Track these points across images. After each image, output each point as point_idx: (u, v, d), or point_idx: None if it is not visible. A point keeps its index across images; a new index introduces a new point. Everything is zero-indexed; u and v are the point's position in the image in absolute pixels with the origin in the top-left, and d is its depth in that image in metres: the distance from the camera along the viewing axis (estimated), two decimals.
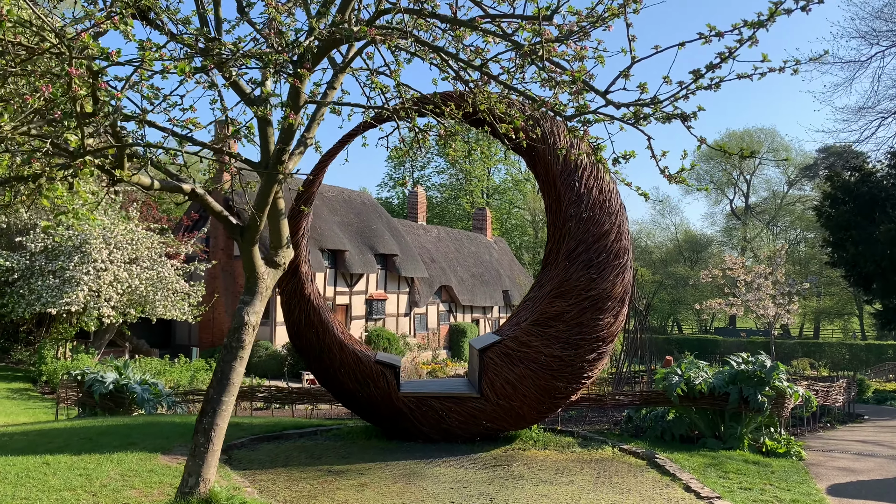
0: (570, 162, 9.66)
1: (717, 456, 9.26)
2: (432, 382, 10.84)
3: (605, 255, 9.37)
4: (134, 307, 23.13)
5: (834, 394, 14.40)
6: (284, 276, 9.69)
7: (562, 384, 9.31)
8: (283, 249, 6.23)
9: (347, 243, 33.62)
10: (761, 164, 65.27)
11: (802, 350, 42.65)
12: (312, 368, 9.72)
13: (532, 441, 9.66)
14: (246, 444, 9.10)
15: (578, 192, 9.54)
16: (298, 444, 9.24)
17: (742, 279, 23.18)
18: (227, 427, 10.05)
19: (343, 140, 9.83)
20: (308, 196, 9.78)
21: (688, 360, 10.83)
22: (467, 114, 7.13)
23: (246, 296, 5.94)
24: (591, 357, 9.33)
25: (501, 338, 9.57)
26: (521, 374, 9.24)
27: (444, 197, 64.05)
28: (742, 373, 10.25)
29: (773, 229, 62.82)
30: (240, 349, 5.79)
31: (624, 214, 9.82)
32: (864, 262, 20.28)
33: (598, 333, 9.29)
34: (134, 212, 24.32)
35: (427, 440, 9.51)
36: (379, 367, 9.41)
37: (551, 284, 9.52)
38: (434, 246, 43.70)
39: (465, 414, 9.41)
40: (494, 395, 9.35)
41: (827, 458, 10.23)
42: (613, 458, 8.92)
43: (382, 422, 9.67)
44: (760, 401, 9.83)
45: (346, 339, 9.76)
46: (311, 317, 9.49)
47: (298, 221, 9.71)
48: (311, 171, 9.87)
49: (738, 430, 10.10)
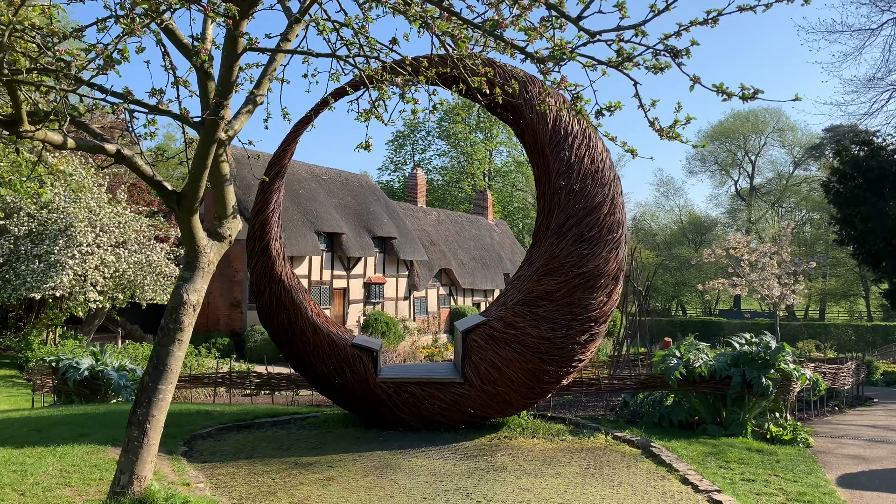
0: (560, 129, 8.97)
1: (717, 444, 8.62)
2: (415, 367, 10.23)
3: (598, 229, 8.70)
4: (122, 292, 22.57)
5: (842, 376, 13.75)
6: (253, 254, 9.06)
7: (551, 368, 8.67)
8: (229, 220, 5.57)
9: (344, 226, 32.98)
10: (766, 144, 64.32)
11: (808, 332, 42.01)
12: (285, 353, 9.10)
13: (520, 428, 9.04)
14: (213, 433, 8.50)
15: (568, 161, 8.85)
16: (269, 434, 8.64)
17: (746, 258, 22.45)
18: (195, 416, 9.50)
19: (316, 108, 9.14)
20: (279, 168, 9.12)
21: (687, 342, 10.18)
22: (442, 74, 6.47)
23: (185, 272, 5.29)
24: (582, 338, 8.69)
25: (486, 319, 8.92)
26: (507, 357, 8.61)
27: (446, 180, 63.34)
28: (745, 355, 9.60)
29: (778, 210, 61.88)
30: (178, 331, 5.14)
31: (618, 186, 9.13)
32: (874, 238, 19.52)
33: (589, 313, 8.64)
34: (122, 194, 23.70)
35: (408, 428, 8.90)
36: (355, 352, 8.78)
37: (540, 261, 8.86)
38: (434, 229, 43.07)
39: (448, 401, 8.79)
40: (479, 381, 8.72)
41: (836, 444, 9.59)
42: (606, 446, 8.30)
43: (360, 409, 9.06)
44: (765, 384, 9.18)
45: (320, 322, 9.13)
46: (283, 298, 8.86)
47: (269, 196, 9.04)
48: (282, 142, 9.20)
49: (741, 415, 9.46)
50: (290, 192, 31.53)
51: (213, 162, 5.25)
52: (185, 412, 9.56)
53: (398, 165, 65.64)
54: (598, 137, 9.31)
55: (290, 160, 9.32)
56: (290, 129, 9.21)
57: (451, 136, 62.85)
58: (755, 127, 64.21)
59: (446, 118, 63.18)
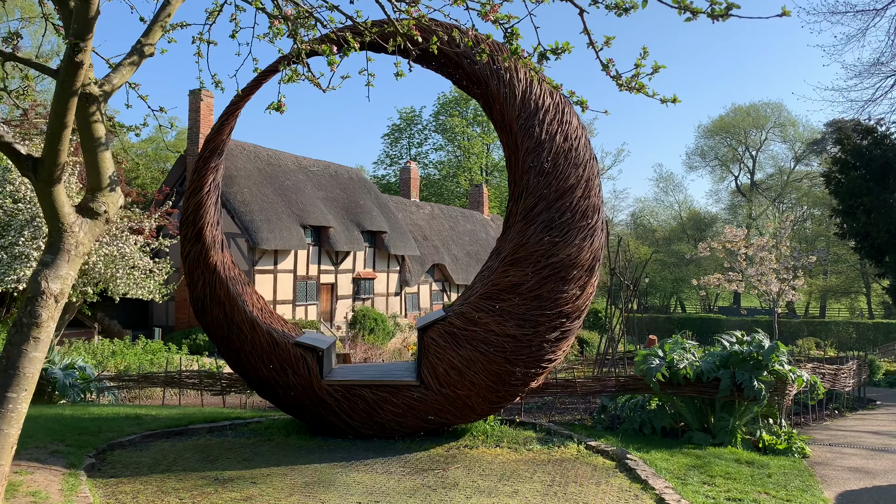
0: (530, 102, 8.02)
1: (703, 455, 7.68)
2: (370, 367, 9.32)
3: (570, 214, 7.76)
4: (92, 285, 21.65)
5: (843, 377, 12.80)
6: (186, 242, 8.14)
7: (518, 369, 7.74)
8: (105, 193, 4.62)
9: (332, 219, 32.05)
10: (767, 139, 63.28)
11: (808, 329, 41.02)
12: (221, 351, 8.18)
13: (484, 436, 8.11)
14: (136, 441, 7.57)
15: (539, 138, 7.91)
16: (200, 442, 7.71)
17: (743, 252, 21.46)
18: (122, 420, 8.56)
19: (258, 79, 8.19)
20: (216, 145, 8.18)
21: (672, 340, 9.24)
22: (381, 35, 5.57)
23: (47, 255, 4.35)
24: (552, 336, 7.75)
25: (446, 314, 7.99)
26: (468, 357, 7.67)
27: (442, 174, 62.36)
28: (735, 354, 8.66)
29: (779, 206, 60.85)
30: (33, 327, 4.22)
31: (594, 167, 8.19)
32: (877, 231, 18.53)
33: (560, 308, 7.70)
34: None
35: (358, 436, 7.99)
36: (298, 351, 7.85)
37: (506, 250, 7.93)
38: (427, 223, 42.18)
39: (403, 406, 7.86)
40: (437, 383, 7.79)
41: (835, 454, 8.65)
42: (577, 458, 7.36)
43: (306, 415, 8.13)
44: (757, 388, 8.24)
45: (261, 317, 8.21)
46: (217, 290, 7.93)
47: (203, 176, 8.10)
48: (220, 116, 8.26)
49: (731, 422, 8.53)
50: (276, 184, 30.64)
51: (84, 122, 4.32)
52: (111, 416, 8.63)
53: (394, 160, 64.72)
54: (573, 113, 8.37)
55: (230, 136, 8.39)
56: (230, 102, 8.28)
57: (447, 129, 61.91)
58: (756, 122, 63.22)
59: (443, 111, 62.23)
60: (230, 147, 30.44)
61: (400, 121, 64.21)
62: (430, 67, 8.86)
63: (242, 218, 27.53)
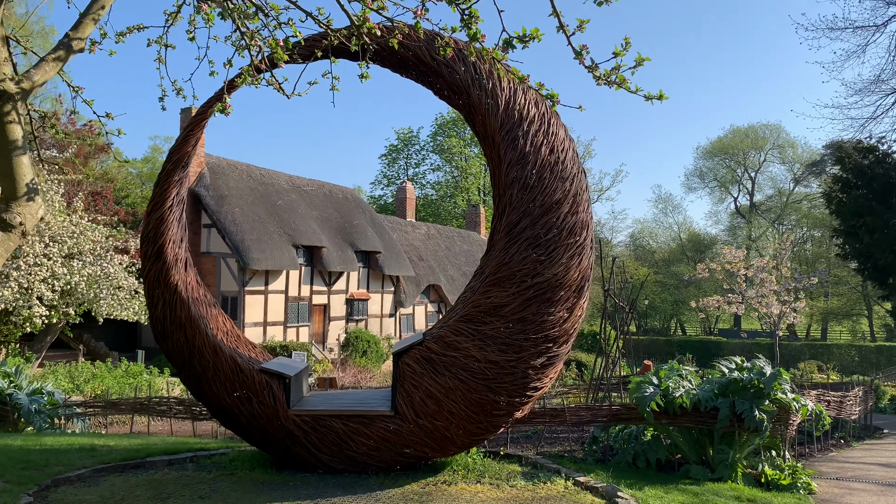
0: (514, 112, 7.53)
1: (700, 492, 7.08)
2: (344, 395, 8.73)
3: (556, 231, 7.23)
4: (75, 306, 21.11)
5: (849, 405, 12.20)
6: (146, 260, 7.60)
7: (501, 398, 7.17)
8: (22, 203, 4.10)
9: (325, 239, 31.51)
10: (766, 160, 63.03)
11: (810, 352, 40.38)
12: (183, 378, 7.60)
13: (464, 471, 7.52)
14: (86, 476, 6.98)
15: (523, 150, 7.40)
16: (155, 477, 7.11)
17: (743, 273, 20.91)
18: (74, 452, 7.92)
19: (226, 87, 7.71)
20: (180, 157, 7.67)
21: (668, 366, 8.67)
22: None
23: None
24: (538, 362, 7.19)
25: (423, 338, 7.44)
26: (447, 385, 7.10)
27: (440, 195, 62.00)
28: (735, 382, 8.10)
29: (779, 228, 60.39)
30: None
31: (583, 181, 7.68)
32: (880, 252, 17.99)
33: (546, 332, 7.15)
34: (78, 202, 22.29)
35: (329, 471, 7.38)
36: (263, 378, 7.29)
37: (488, 270, 7.40)
38: (423, 244, 41.69)
39: (376, 437, 7.28)
40: (413, 413, 7.21)
41: (843, 490, 8.05)
42: (563, 495, 6.77)
43: (272, 447, 7.53)
44: (758, 418, 7.67)
45: (226, 341, 7.66)
46: (178, 312, 7.37)
47: (166, 190, 7.58)
48: (185, 126, 7.77)
49: (731, 454, 7.94)
50: (268, 203, 30.16)
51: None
52: (64, 448, 8.04)
53: (391, 180, 64.41)
54: (561, 124, 7.88)
55: (195, 149, 7.90)
56: (196, 112, 7.79)
57: (445, 150, 61.70)
58: (754, 143, 63.00)
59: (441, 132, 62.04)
60: (221, 166, 29.96)
61: (398, 141, 64.04)
62: (411, 77, 8.39)
63: (233, 238, 27.00)
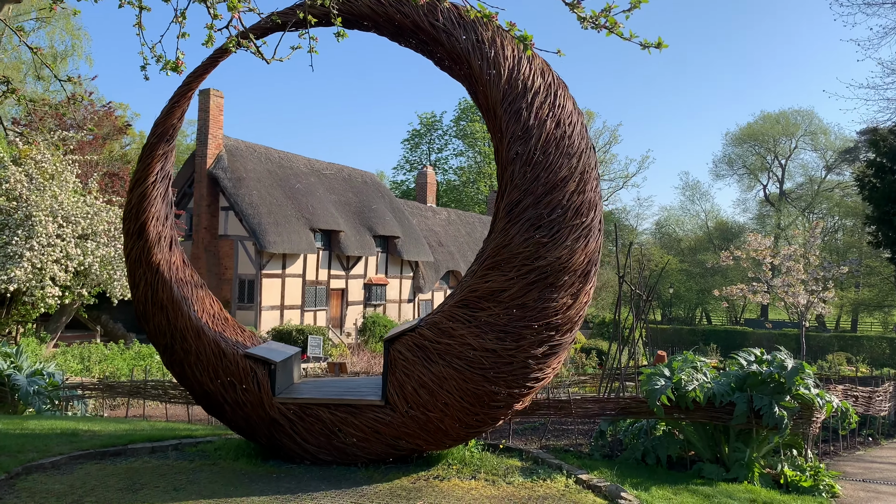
0: (517, 83, 7.01)
1: (713, 493, 6.57)
2: (336, 383, 8.32)
3: (561, 210, 6.72)
4: (89, 287, 21.02)
5: (878, 401, 11.55)
6: (128, 238, 7.24)
7: (499, 389, 6.70)
8: None
9: (343, 223, 31.20)
10: (797, 147, 61.43)
11: (838, 344, 39.29)
12: (166, 362, 7.24)
13: (460, 464, 7.08)
14: (61, 464, 6.65)
15: (526, 123, 6.89)
16: (134, 465, 6.77)
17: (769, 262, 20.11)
18: (55, 437, 7.62)
19: (214, 57, 7.30)
20: (164, 130, 7.28)
21: (682, 358, 8.13)
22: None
23: None
24: (538, 351, 6.71)
25: (417, 324, 6.99)
26: (440, 374, 6.66)
27: (462, 180, 61.49)
28: (753, 375, 7.54)
29: (809, 216, 58.90)
30: None
31: (592, 157, 7.15)
32: None
33: (549, 319, 6.66)
34: (93, 182, 22.17)
35: (316, 462, 6.99)
36: (248, 364, 6.90)
37: (487, 252, 6.92)
38: (443, 229, 41.27)
39: (366, 428, 6.86)
40: (404, 403, 6.78)
41: (870, 494, 7.47)
42: (563, 494, 6.30)
43: (257, 436, 7.15)
44: (778, 415, 7.12)
45: (210, 325, 7.28)
46: (160, 293, 7.00)
47: (150, 164, 7.20)
48: (170, 99, 7.38)
49: (747, 453, 7.40)
50: (287, 186, 29.91)
51: None
52: (45, 432, 7.74)
53: (414, 165, 64.02)
54: (569, 96, 7.34)
55: (181, 121, 7.49)
56: (181, 83, 7.38)
57: (468, 135, 61.15)
58: (785, 129, 61.41)
59: (464, 117, 61.44)
60: (240, 148, 29.74)
61: (420, 126, 63.54)
62: (410, 46, 7.90)
63: (250, 220, 26.82)
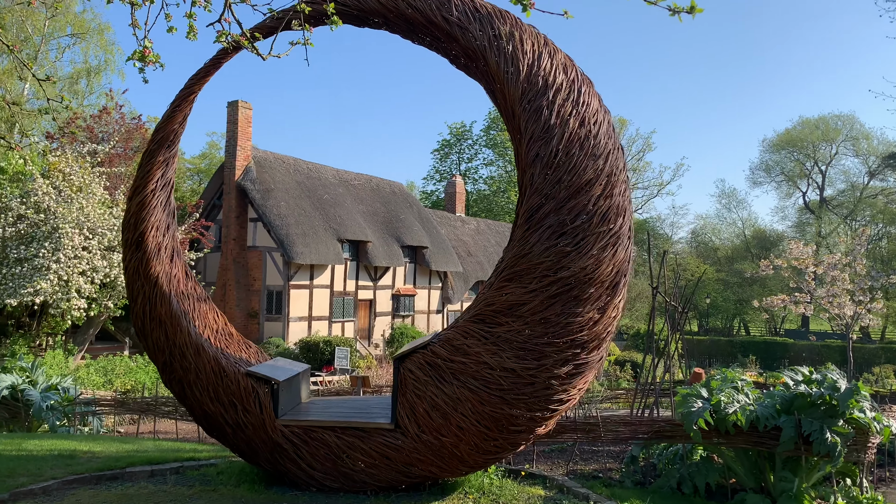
0: (537, 79, 6.47)
1: None
2: (343, 403, 7.79)
3: (586, 216, 6.15)
4: (115, 299, 20.94)
5: None
6: (127, 249, 6.86)
7: (519, 412, 6.15)
8: None
9: (371, 234, 30.88)
10: (838, 153, 59.61)
11: (885, 356, 37.67)
12: (165, 380, 6.83)
13: (477, 493, 6.53)
14: (52, 489, 6.26)
15: (547, 122, 6.35)
16: (130, 491, 6.35)
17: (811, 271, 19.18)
18: (52, 459, 7.22)
19: (216, 58, 6.93)
20: (164, 135, 6.90)
21: (721, 376, 7.47)
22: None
23: None
24: (562, 371, 6.14)
25: (429, 341, 6.47)
26: (454, 395, 6.13)
27: (493, 190, 60.95)
28: (802, 397, 6.86)
29: (851, 224, 57.02)
30: None
31: (620, 159, 6.57)
32: None
33: (573, 335, 6.09)
34: (120, 194, 22.15)
35: (322, 489, 6.50)
36: (249, 383, 6.45)
37: (505, 262, 6.38)
38: (472, 239, 40.76)
39: (374, 454, 6.36)
40: (416, 427, 6.26)
41: None
42: None
43: (260, 460, 6.69)
44: (830, 441, 6.44)
45: (213, 341, 6.85)
46: (158, 308, 6.60)
47: (150, 172, 6.82)
48: (171, 103, 7.00)
49: (796, 483, 6.72)
50: (314, 197, 29.73)
51: None
52: (42, 454, 7.37)
53: (444, 175, 63.68)
54: (594, 93, 6.79)
55: (183, 126, 7.10)
56: (183, 85, 7.01)
57: (497, 144, 60.70)
58: (825, 135, 59.67)
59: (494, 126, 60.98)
60: (268, 159, 29.65)
61: (450, 136, 63.27)
62: (423, 43, 7.43)
63: (278, 231, 26.67)
